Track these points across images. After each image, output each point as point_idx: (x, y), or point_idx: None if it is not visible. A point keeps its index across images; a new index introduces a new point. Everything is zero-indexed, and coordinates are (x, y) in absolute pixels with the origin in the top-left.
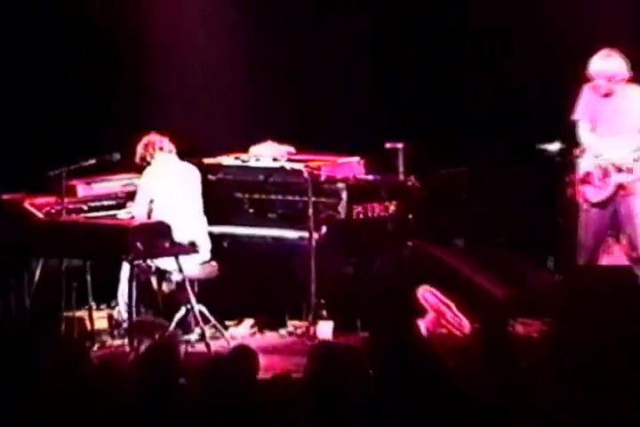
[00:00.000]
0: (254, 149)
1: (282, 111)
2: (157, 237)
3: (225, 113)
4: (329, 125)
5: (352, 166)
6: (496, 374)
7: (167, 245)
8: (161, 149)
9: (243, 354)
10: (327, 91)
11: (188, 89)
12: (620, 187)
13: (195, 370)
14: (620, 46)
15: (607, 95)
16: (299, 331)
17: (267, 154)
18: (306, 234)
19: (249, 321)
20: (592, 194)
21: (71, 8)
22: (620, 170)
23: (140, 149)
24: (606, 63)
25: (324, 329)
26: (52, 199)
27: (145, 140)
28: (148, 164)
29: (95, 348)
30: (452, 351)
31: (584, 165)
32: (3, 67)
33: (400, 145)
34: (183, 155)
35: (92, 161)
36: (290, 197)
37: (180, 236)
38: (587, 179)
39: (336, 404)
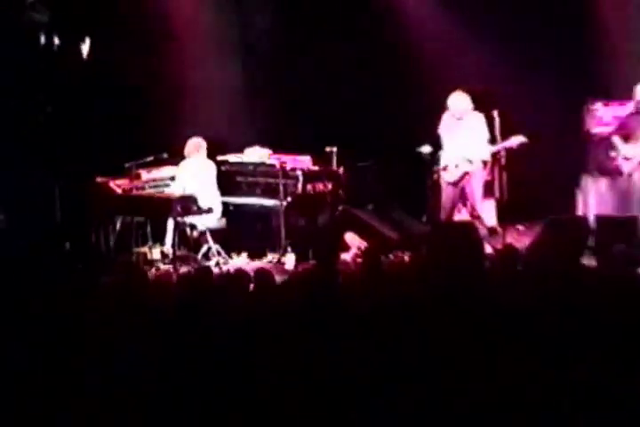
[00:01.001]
0: (247, 151)
1: (264, 128)
2: (189, 203)
3: (230, 129)
4: (292, 137)
5: (305, 161)
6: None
7: (195, 208)
8: (198, 150)
9: (262, 273)
10: (291, 115)
11: (209, 115)
12: (466, 173)
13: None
14: (468, 86)
15: (459, 119)
16: (274, 260)
17: (255, 154)
18: (278, 202)
19: (244, 254)
20: (448, 177)
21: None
22: (465, 163)
23: (188, 146)
24: (458, 99)
25: (289, 259)
26: (126, 181)
27: (194, 141)
28: (187, 157)
29: (153, 270)
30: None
31: (443, 160)
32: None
33: (334, 149)
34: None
35: (151, 158)
36: (269, 180)
37: (203, 203)
38: (445, 168)
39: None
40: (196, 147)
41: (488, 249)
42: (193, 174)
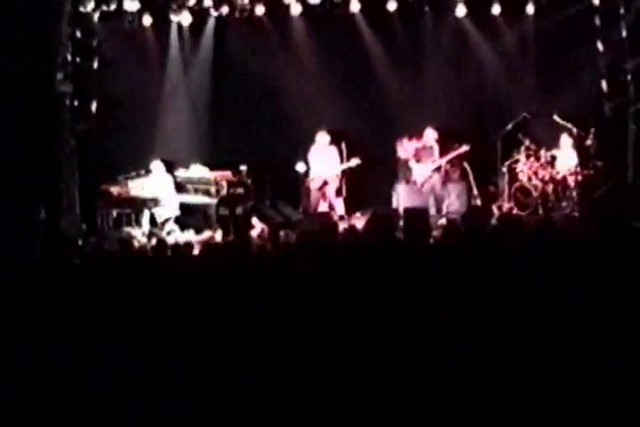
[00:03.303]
0: (192, 167)
1: (204, 152)
2: (156, 201)
3: (182, 153)
4: (220, 158)
5: (228, 175)
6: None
7: (161, 204)
8: (159, 168)
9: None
10: (221, 145)
11: (168, 145)
12: (325, 182)
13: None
14: (328, 127)
15: (321, 149)
16: (209, 235)
17: (197, 169)
18: (212, 200)
19: (192, 231)
20: (314, 185)
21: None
22: (325, 175)
23: (152, 166)
24: (321, 137)
25: (218, 234)
26: (119, 187)
27: (155, 163)
28: (151, 172)
29: (135, 242)
30: (266, 240)
31: (311, 174)
32: None
33: (245, 167)
34: (166, 169)
35: (134, 173)
36: (206, 186)
37: (165, 201)
38: (313, 179)
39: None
40: (157, 166)
41: (340, 228)
42: (158, 183)
